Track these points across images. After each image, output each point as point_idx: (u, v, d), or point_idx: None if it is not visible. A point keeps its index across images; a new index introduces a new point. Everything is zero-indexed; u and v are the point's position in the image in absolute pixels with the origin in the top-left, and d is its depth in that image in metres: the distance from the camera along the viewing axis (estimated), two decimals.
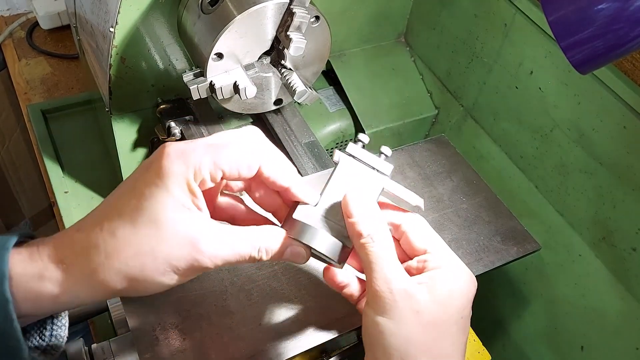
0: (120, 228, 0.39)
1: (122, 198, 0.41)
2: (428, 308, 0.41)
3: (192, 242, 0.39)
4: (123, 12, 0.60)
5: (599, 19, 0.41)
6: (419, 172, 0.67)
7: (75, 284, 0.39)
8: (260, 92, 0.66)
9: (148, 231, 0.39)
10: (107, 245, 0.39)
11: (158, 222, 0.39)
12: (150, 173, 0.40)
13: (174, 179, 0.39)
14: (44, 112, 0.92)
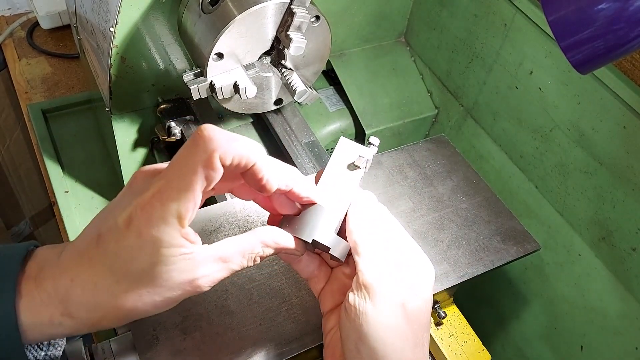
0: (115, 287, 0.40)
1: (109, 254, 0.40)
2: (412, 299, 0.43)
3: (189, 280, 0.40)
4: (123, 11, 0.60)
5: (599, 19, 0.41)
6: (419, 172, 0.67)
7: (83, 329, 0.41)
8: (260, 92, 0.66)
9: (147, 288, 0.40)
10: (109, 304, 0.40)
11: (157, 278, 0.39)
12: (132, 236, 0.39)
13: (158, 237, 0.38)
14: (45, 111, 0.92)
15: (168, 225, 0.38)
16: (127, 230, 0.39)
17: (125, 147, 0.75)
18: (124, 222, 0.39)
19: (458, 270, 0.58)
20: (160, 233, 0.38)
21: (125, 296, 0.39)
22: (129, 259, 0.39)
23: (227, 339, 0.50)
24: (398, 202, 0.63)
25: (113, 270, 0.39)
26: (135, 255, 0.39)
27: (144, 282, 0.39)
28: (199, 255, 0.40)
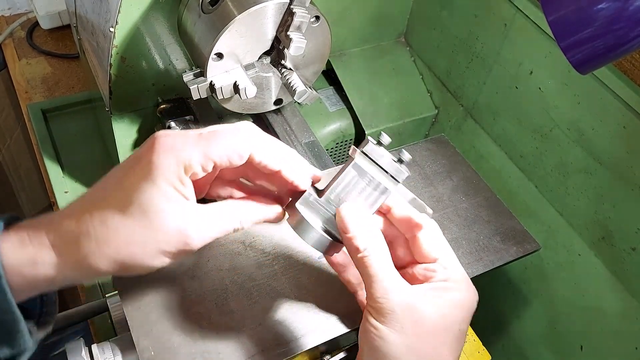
0: (110, 217, 0.40)
1: (112, 188, 0.41)
2: (428, 318, 0.42)
3: (181, 230, 0.41)
4: (123, 11, 0.60)
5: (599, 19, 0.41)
6: (419, 172, 0.67)
7: (68, 267, 0.40)
8: (260, 92, 0.66)
9: (138, 222, 0.40)
10: (98, 233, 0.40)
11: (147, 214, 0.40)
12: (140, 167, 0.41)
13: (163, 174, 0.40)
14: (44, 111, 0.92)
15: (177, 165, 0.40)
16: (138, 159, 0.41)
17: (125, 147, 0.75)
18: (142, 152, 0.41)
19: None
20: (167, 165, 0.40)
21: (118, 229, 0.40)
22: (131, 187, 0.40)
23: (227, 339, 0.50)
24: None
25: (112, 199, 0.40)
26: (139, 184, 0.40)
27: (138, 217, 0.40)
28: (193, 206, 0.41)
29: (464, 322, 0.44)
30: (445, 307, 0.43)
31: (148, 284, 0.52)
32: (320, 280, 0.55)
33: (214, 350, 0.49)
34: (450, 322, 0.42)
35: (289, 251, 0.57)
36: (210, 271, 0.54)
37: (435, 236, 0.46)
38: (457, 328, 0.43)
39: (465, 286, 0.45)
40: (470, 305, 0.44)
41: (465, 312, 0.44)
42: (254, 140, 0.43)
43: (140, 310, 0.51)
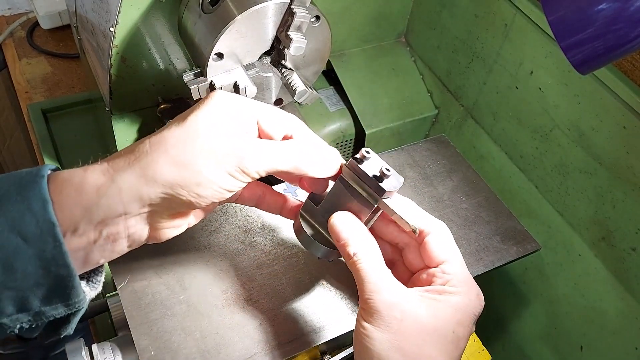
0: (166, 129, 0.40)
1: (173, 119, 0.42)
2: (415, 318, 0.42)
3: (237, 147, 0.40)
4: (124, 11, 0.60)
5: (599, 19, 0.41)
6: (419, 172, 0.67)
7: (119, 172, 0.39)
8: (260, 92, 0.66)
9: (192, 129, 0.40)
10: (152, 138, 0.40)
11: (203, 125, 0.40)
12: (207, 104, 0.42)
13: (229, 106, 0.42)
14: (45, 111, 0.92)
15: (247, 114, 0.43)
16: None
17: None
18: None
19: None
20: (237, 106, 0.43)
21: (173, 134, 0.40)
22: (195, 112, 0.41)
23: (227, 339, 0.50)
24: None
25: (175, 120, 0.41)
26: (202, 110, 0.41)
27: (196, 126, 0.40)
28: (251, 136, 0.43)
29: (460, 325, 0.43)
30: (437, 308, 0.42)
31: (148, 284, 0.52)
32: (320, 280, 0.55)
33: (214, 350, 0.49)
34: (442, 323, 0.42)
35: (289, 251, 0.57)
36: (210, 271, 0.54)
37: (442, 241, 0.46)
38: (451, 330, 0.42)
39: (465, 290, 0.44)
40: (469, 309, 0.44)
41: (460, 315, 0.43)
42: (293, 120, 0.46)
43: (140, 310, 0.51)
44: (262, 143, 0.42)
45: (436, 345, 0.41)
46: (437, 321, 0.42)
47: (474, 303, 0.44)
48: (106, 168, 0.40)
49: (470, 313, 0.44)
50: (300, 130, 0.46)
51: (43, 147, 0.86)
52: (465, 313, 0.43)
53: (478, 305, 0.44)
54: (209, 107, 0.41)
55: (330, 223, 0.46)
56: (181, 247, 0.55)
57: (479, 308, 0.44)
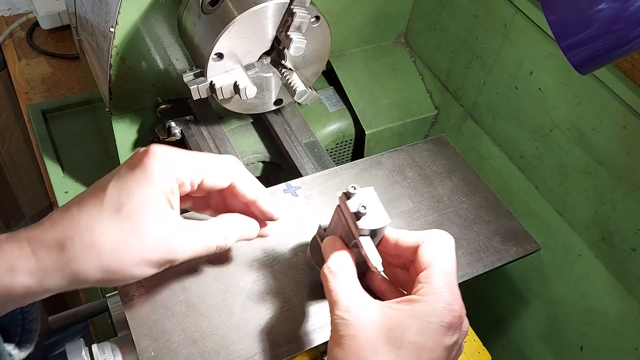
0: (98, 221, 0.41)
1: (100, 193, 0.42)
2: (366, 330, 0.41)
3: (166, 239, 0.42)
4: (123, 12, 0.60)
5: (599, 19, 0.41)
6: (419, 172, 0.67)
7: (48, 274, 0.40)
8: (260, 92, 0.66)
9: (126, 226, 0.41)
10: (84, 237, 0.40)
11: (136, 218, 0.41)
12: (136, 172, 0.42)
13: (157, 180, 0.42)
14: (44, 112, 0.92)
15: (172, 174, 0.43)
16: (132, 166, 0.42)
17: (125, 148, 0.75)
18: (137, 159, 0.43)
19: (458, 271, 0.58)
20: (163, 173, 0.42)
21: (105, 233, 0.40)
22: (123, 190, 0.41)
23: (227, 339, 0.50)
24: (398, 202, 0.63)
25: (100, 203, 0.41)
26: (131, 187, 0.41)
27: (127, 221, 0.41)
28: (179, 218, 0.44)
29: (421, 335, 0.41)
30: (394, 319, 0.42)
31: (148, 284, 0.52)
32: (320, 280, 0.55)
33: (214, 350, 0.49)
34: (397, 334, 0.41)
35: (289, 251, 0.57)
36: (210, 271, 0.54)
37: (430, 249, 0.46)
38: (407, 341, 0.41)
39: (432, 298, 0.42)
40: (432, 318, 0.42)
41: (420, 324, 0.41)
42: (238, 169, 0.48)
43: (140, 310, 0.51)
44: (193, 229, 0.44)
45: (386, 354, 0.41)
46: (392, 332, 0.41)
47: (439, 312, 0.42)
48: (34, 270, 0.40)
49: (434, 322, 0.41)
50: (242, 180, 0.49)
51: (43, 148, 0.86)
52: (426, 322, 0.41)
53: (445, 314, 0.42)
54: (146, 181, 0.42)
55: (323, 246, 0.49)
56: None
57: (446, 317, 0.42)
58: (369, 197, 0.47)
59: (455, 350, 0.43)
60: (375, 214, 0.46)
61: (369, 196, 0.47)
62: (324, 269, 0.46)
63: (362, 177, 0.65)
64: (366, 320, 0.42)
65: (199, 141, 0.70)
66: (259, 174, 0.78)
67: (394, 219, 0.61)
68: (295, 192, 0.62)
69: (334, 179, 0.65)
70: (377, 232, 0.47)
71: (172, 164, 0.43)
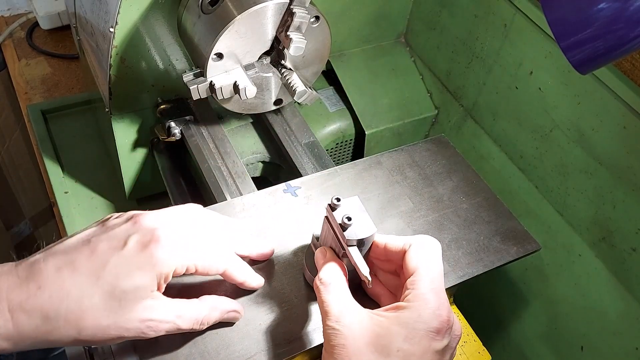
0: (89, 297, 0.42)
1: (102, 266, 0.43)
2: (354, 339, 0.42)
3: (145, 322, 0.43)
4: (123, 12, 0.60)
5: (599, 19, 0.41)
6: (419, 172, 0.67)
7: (24, 339, 0.41)
8: (260, 92, 0.66)
9: (114, 306, 0.42)
10: (70, 310, 0.41)
11: (125, 303, 0.42)
12: (141, 257, 0.43)
13: (158, 269, 0.43)
14: (44, 112, 0.92)
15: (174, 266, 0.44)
16: (145, 252, 0.43)
17: (125, 148, 0.75)
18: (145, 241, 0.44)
19: (458, 271, 0.58)
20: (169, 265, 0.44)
21: (92, 311, 0.41)
22: (126, 275, 0.42)
23: (227, 339, 0.50)
24: (398, 202, 0.63)
25: (103, 281, 0.42)
26: (134, 274, 0.42)
27: (118, 304, 0.42)
28: (162, 299, 0.45)
29: (408, 342, 0.41)
30: (382, 327, 0.42)
31: None
32: None
33: (214, 350, 0.49)
34: (385, 342, 0.42)
35: (289, 251, 0.57)
36: None
37: (416, 254, 0.46)
38: (395, 348, 0.41)
39: (418, 304, 0.43)
40: (418, 324, 0.42)
41: (407, 331, 0.42)
42: (229, 259, 0.49)
43: None
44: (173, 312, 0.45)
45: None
46: (380, 340, 0.42)
47: (425, 318, 0.42)
48: (11, 335, 0.41)
49: (421, 329, 0.42)
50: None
51: (42, 148, 0.86)
52: (413, 329, 0.42)
53: (431, 320, 0.42)
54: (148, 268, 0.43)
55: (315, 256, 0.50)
56: None
57: (433, 323, 0.42)
58: (354, 207, 0.48)
59: (448, 354, 0.44)
60: (361, 224, 0.47)
61: (353, 206, 0.48)
62: (315, 280, 0.47)
63: (362, 177, 0.65)
64: (356, 329, 0.42)
65: (198, 141, 0.70)
66: (259, 174, 0.78)
67: (394, 219, 0.61)
68: (295, 192, 0.62)
69: (334, 179, 0.65)
70: (365, 242, 0.48)
71: (174, 254, 0.44)
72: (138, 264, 0.43)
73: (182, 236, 0.46)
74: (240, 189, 0.66)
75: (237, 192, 0.65)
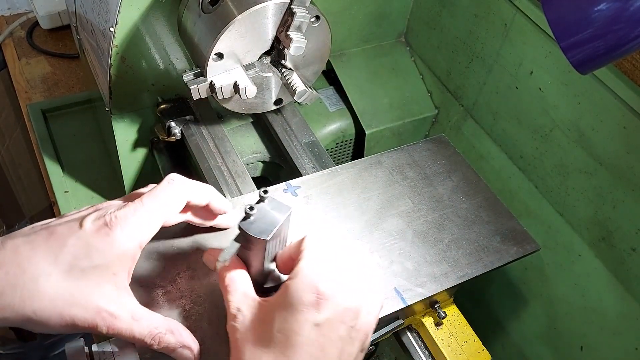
0: (46, 276, 0.41)
1: (61, 247, 0.42)
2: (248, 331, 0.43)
3: (102, 312, 0.42)
4: (123, 11, 0.60)
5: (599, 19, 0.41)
6: (418, 172, 0.67)
7: None
8: (260, 92, 0.66)
9: (70, 288, 0.41)
10: (25, 289, 0.40)
11: (83, 285, 0.42)
12: (99, 238, 0.42)
13: (119, 251, 0.43)
14: (44, 111, 0.92)
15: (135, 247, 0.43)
16: (104, 233, 0.42)
17: (125, 147, 0.75)
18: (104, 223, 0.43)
19: (458, 271, 0.58)
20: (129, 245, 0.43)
21: (47, 290, 0.40)
22: (84, 257, 0.41)
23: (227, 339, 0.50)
24: (398, 202, 0.63)
25: (60, 261, 0.41)
26: (93, 256, 0.42)
27: (75, 283, 0.41)
28: (124, 291, 0.44)
29: (286, 321, 0.41)
30: (263, 312, 0.43)
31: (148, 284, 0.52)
32: None
33: (214, 350, 0.49)
34: (268, 326, 0.42)
35: None
36: (210, 272, 0.54)
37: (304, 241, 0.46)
38: (276, 329, 0.42)
39: (296, 280, 0.43)
40: (293, 299, 0.42)
41: (286, 308, 0.42)
42: (186, 189, 0.48)
43: None
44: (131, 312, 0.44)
45: (261, 349, 0.42)
46: (261, 326, 0.43)
47: (298, 292, 0.42)
48: None
49: (294, 303, 0.42)
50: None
51: (42, 147, 0.86)
52: (289, 305, 0.42)
53: (304, 292, 0.42)
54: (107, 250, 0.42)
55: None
56: (181, 247, 0.55)
57: (305, 296, 0.42)
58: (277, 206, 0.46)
59: (336, 328, 0.42)
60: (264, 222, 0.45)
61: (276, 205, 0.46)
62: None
63: (362, 176, 0.65)
64: (247, 322, 0.43)
65: (198, 141, 0.70)
66: (259, 174, 0.78)
67: (393, 219, 0.61)
68: (295, 192, 0.62)
69: (334, 178, 0.65)
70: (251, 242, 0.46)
71: (136, 233, 0.43)
72: (96, 243, 0.42)
73: (144, 213, 0.45)
74: (240, 188, 0.66)
75: (237, 191, 0.65)
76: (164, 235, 0.54)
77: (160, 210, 0.46)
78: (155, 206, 0.45)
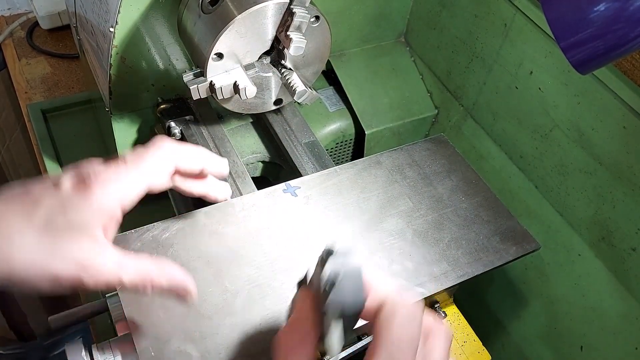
0: (20, 234, 0.40)
1: (36, 205, 0.41)
2: None
3: (82, 262, 0.40)
4: (123, 11, 0.60)
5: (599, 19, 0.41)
6: (418, 172, 0.67)
7: None
8: (260, 92, 0.66)
9: (47, 245, 0.40)
10: (1, 250, 0.39)
11: (60, 241, 0.40)
12: (77, 197, 0.41)
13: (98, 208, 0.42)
14: (44, 111, 0.92)
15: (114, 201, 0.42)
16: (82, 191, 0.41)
17: (125, 147, 0.75)
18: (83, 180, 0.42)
19: (458, 270, 0.58)
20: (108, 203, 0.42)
21: (27, 244, 0.39)
22: (60, 214, 0.40)
23: (227, 339, 0.50)
24: (398, 202, 0.63)
25: (36, 219, 0.40)
26: (70, 214, 0.40)
27: (52, 240, 0.40)
28: (104, 244, 0.42)
29: None
30: None
31: None
32: None
33: (214, 350, 0.49)
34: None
35: (289, 251, 0.57)
36: (211, 272, 0.54)
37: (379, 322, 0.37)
38: None
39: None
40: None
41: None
42: (175, 154, 0.47)
43: (140, 310, 0.51)
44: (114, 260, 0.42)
45: None
46: None
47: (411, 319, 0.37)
48: None
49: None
50: None
51: (43, 148, 0.86)
52: None
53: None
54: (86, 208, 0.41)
55: None
56: (181, 247, 0.55)
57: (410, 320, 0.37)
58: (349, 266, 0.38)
59: None
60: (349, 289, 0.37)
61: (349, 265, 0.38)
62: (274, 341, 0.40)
63: (361, 176, 0.65)
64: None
65: (198, 141, 0.70)
66: (259, 174, 0.78)
67: (393, 219, 0.61)
68: (294, 192, 0.62)
69: (334, 178, 0.65)
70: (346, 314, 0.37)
71: (116, 192, 0.42)
72: (73, 200, 0.41)
73: (126, 171, 0.44)
74: (240, 188, 0.66)
75: (237, 192, 0.65)
76: None
77: (144, 173, 0.44)
78: (139, 168, 0.44)
